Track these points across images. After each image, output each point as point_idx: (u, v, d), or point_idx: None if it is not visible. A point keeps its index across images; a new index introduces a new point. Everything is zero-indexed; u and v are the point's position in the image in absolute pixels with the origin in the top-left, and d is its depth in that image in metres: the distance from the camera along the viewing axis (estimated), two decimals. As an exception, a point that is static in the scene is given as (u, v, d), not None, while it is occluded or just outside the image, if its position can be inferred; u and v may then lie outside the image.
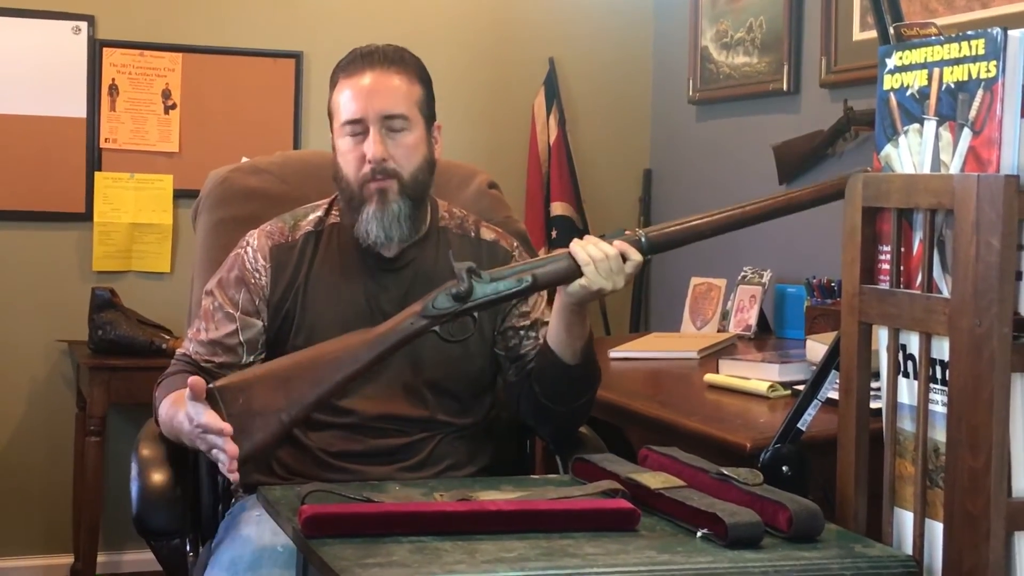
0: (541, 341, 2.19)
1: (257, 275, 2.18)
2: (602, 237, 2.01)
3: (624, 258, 1.99)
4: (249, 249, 2.20)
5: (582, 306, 2.06)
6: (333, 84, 2.18)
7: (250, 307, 2.17)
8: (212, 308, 2.18)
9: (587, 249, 1.98)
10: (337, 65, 2.19)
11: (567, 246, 2.02)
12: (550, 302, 2.16)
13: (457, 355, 2.15)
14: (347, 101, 2.13)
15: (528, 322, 2.22)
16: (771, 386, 2.57)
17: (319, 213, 2.24)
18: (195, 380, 1.88)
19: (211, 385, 1.90)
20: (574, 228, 4.28)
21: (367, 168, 2.11)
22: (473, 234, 2.28)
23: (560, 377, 2.14)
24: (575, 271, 1.99)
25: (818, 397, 1.96)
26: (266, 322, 2.18)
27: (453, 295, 1.98)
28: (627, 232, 2.02)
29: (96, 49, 4.01)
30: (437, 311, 1.98)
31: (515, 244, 2.31)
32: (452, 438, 2.20)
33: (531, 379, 2.19)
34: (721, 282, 3.75)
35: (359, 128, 2.12)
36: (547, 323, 2.17)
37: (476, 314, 2.00)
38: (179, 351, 2.21)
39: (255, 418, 1.91)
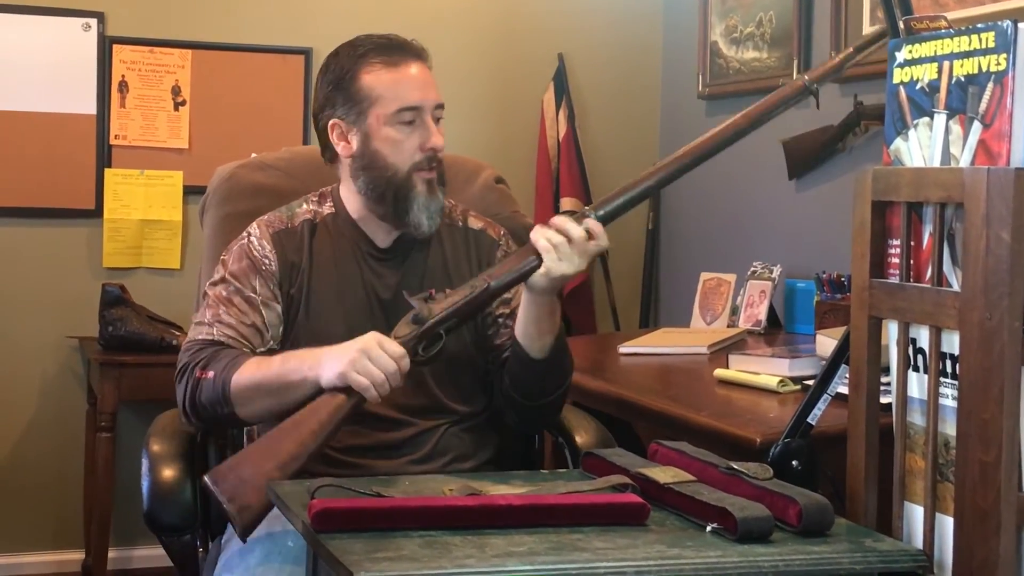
0: None
1: (267, 261, 2.18)
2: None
3: (590, 236, 1.98)
4: (253, 238, 2.20)
5: (549, 296, 2.05)
6: (364, 69, 2.14)
7: (266, 292, 2.17)
8: (227, 294, 2.16)
9: (547, 235, 1.97)
10: (362, 51, 2.15)
11: None
12: None
13: (457, 343, 2.16)
14: (405, 88, 2.13)
15: (508, 310, 2.23)
16: (781, 381, 2.56)
17: (312, 206, 2.25)
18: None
19: (204, 477, 1.90)
20: (583, 224, 4.28)
21: (420, 156, 2.13)
22: (461, 223, 2.29)
23: (526, 372, 2.14)
24: (533, 263, 1.98)
25: (828, 392, 1.96)
26: (281, 305, 2.18)
27: (412, 319, 2.00)
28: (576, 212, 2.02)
29: (106, 46, 4.01)
30: (400, 339, 1.98)
31: (503, 232, 2.32)
32: (457, 430, 2.20)
33: (503, 370, 2.19)
34: (731, 277, 3.74)
35: (414, 116, 2.13)
36: None
37: (443, 329, 2.00)
38: (200, 337, 2.13)
39: (247, 485, 1.87)
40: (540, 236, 1.98)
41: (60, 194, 3.99)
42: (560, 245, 1.96)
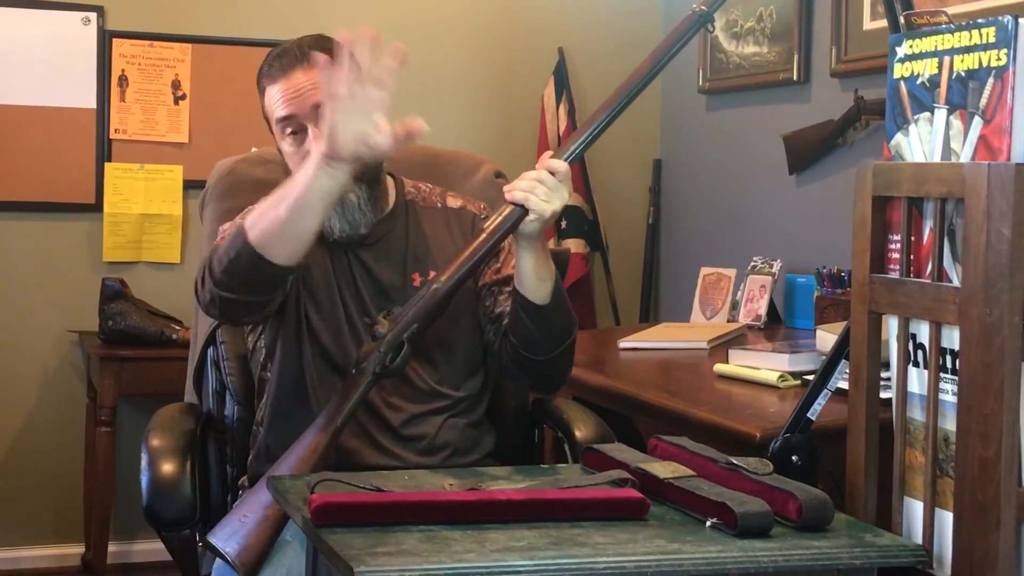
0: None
1: None
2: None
3: (552, 172, 2.00)
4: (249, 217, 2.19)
5: (542, 241, 2.06)
6: (261, 91, 2.17)
7: None
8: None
9: (519, 186, 1.99)
10: (259, 73, 2.17)
11: (577, 237, 2.04)
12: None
13: (444, 321, 2.14)
14: (278, 102, 2.12)
15: (500, 277, 2.23)
16: (781, 376, 2.56)
17: None
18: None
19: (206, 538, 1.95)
20: (584, 218, 4.28)
21: None
22: (440, 204, 2.30)
23: (534, 322, 2.11)
24: (517, 214, 1.99)
25: (828, 387, 1.96)
26: None
27: (372, 337, 2.03)
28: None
29: (106, 40, 4.01)
30: (366, 356, 2.01)
31: (483, 206, 2.33)
32: (455, 422, 2.20)
33: (508, 333, 2.18)
34: (731, 272, 3.74)
35: (296, 126, 2.12)
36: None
37: (405, 337, 2.02)
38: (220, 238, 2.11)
39: (259, 527, 1.93)
40: (514, 190, 2.00)
41: (60, 188, 3.99)
42: (536, 188, 1.98)
